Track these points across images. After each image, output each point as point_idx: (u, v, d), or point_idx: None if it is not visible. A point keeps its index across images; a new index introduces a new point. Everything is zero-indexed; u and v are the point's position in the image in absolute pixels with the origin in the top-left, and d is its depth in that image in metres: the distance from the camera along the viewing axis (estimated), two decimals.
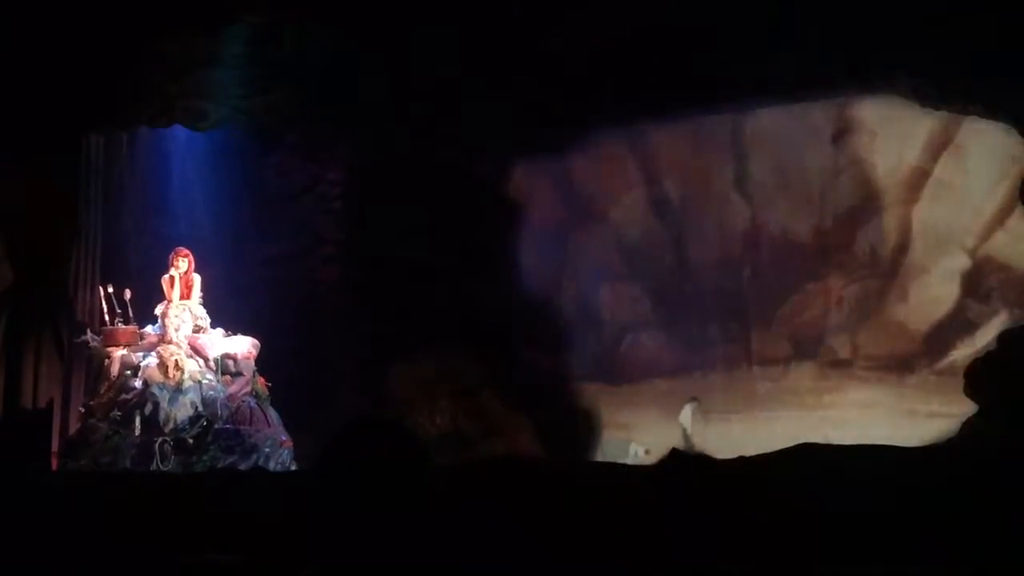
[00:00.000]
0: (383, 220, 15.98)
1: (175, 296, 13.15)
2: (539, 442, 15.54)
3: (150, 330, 13.22)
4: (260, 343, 13.35)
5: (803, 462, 6.88)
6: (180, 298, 13.17)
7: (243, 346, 13.20)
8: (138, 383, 12.57)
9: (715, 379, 16.88)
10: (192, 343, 12.97)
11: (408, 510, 2.81)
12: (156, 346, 12.86)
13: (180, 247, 13.47)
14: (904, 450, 7.36)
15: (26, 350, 13.23)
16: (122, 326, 13.26)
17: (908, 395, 16.14)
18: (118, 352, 12.90)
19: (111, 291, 13.45)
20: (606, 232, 17.48)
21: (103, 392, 12.76)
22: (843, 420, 15.37)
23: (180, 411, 12.36)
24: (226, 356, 13.03)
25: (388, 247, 15.88)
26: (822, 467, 6.74)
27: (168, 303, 13.14)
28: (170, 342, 12.85)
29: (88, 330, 13.55)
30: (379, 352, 15.51)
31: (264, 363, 13.36)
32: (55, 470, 12.06)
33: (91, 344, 13.32)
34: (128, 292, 13.43)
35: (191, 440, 12.26)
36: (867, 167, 16.95)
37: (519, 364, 16.14)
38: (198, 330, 13.17)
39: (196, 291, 13.31)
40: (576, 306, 17.03)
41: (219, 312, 13.53)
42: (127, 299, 13.39)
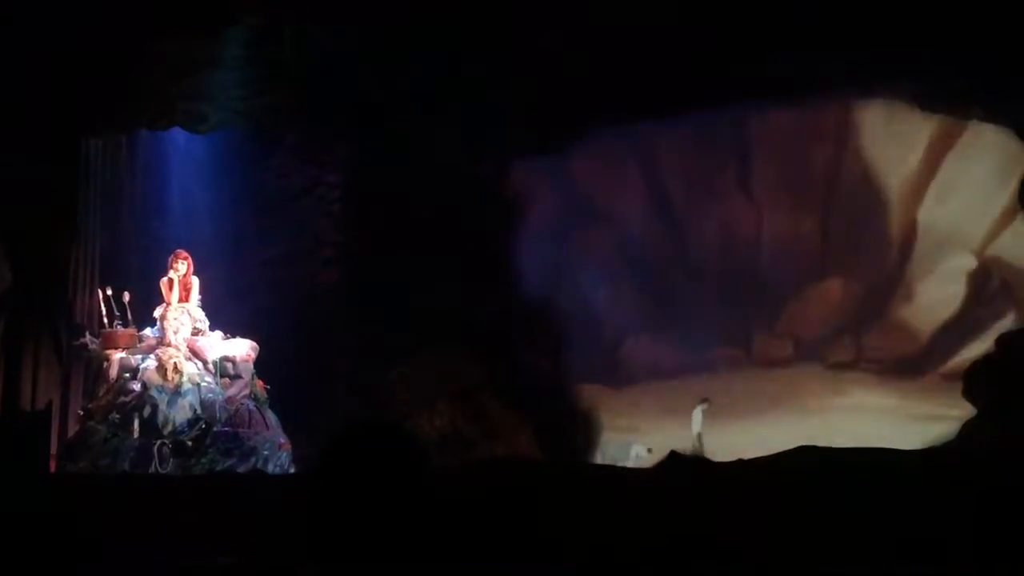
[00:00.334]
0: (382, 222, 15.96)
1: (174, 299, 13.13)
2: (538, 444, 15.51)
3: (149, 333, 13.21)
4: (259, 346, 13.34)
5: (801, 465, 6.88)
6: (179, 301, 13.15)
7: (242, 349, 13.19)
8: (137, 386, 12.56)
9: (717, 381, 16.71)
10: (191, 346, 12.97)
11: (407, 513, 2.80)
12: (155, 349, 12.85)
13: (179, 250, 13.44)
14: (902, 453, 7.35)
15: (25, 352, 13.22)
16: (121, 329, 13.25)
17: (914, 397, 15.93)
18: (117, 355, 12.89)
19: (110, 294, 13.43)
20: (606, 233, 17.43)
21: (102, 395, 12.74)
22: (846, 423, 15.16)
23: (179, 414, 12.35)
24: (225, 359, 13.02)
25: (387, 249, 15.86)
26: (820, 470, 6.73)
27: (167, 306, 13.12)
28: (169, 345, 12.84)
29: (87, 332, 13.54)
30: (378, 354, 15.49)
31: (263, 366, 13.34)
32: (54, 472, 12.04)
33: (90, 347, 13.31)
34: (127, 295, 13.41)
35: (190, 443, 12.25)
36: (871, 167, 16.84)
37: (518, 366, 16.11)
38: (197, 333, 13.15)
39: (195, 294, 13.29)
40: (576, 307, 16.93)
41: (218, 315, 13.51)
42: (126, 302, 13.37)
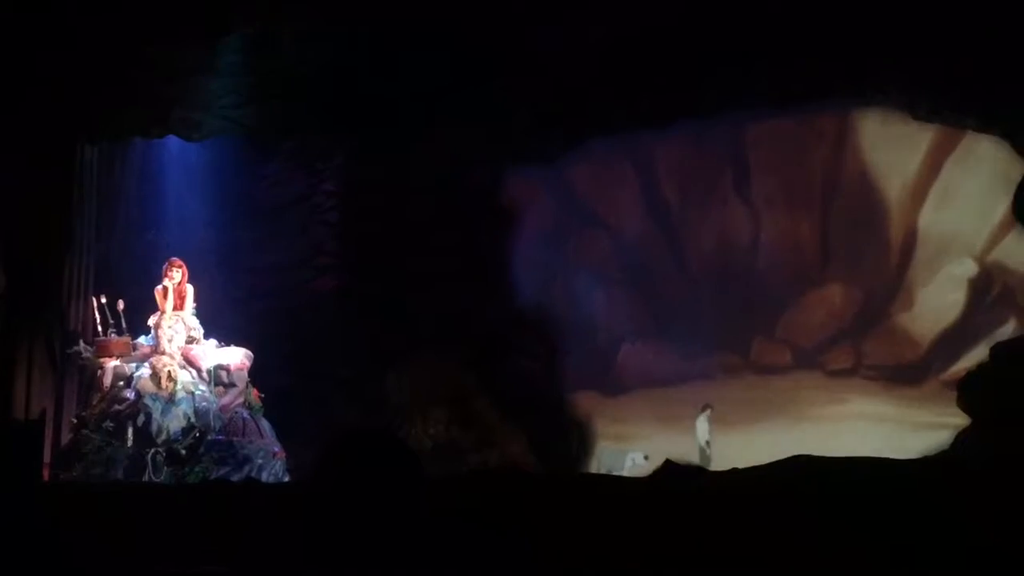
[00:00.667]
0: (378, 230, 15.96)
1: (168, 307, 13.13)
2: (533, 451, 15.49)
3: (143, 341, 13.21)
4: (253, 354, 13.32)
5: (796, 474, 6.85)
6: (173, 309, 13.14)
7: (236, 357, 13.18)
8: (131, 394, 12.54)
9: (714, 388, 16.59)
10: (185, 354, 12.96)
11: (401, 520, 2.79)
12: (149, 357, 12.83)
13: (174, 257, 13.43)
14: (897, 463, 7.33)
15: (19, 360, 13.19)
16: (115, 337, 13.23)
17: (914, 405, 15.79)
18: (111, 363, 12.87)
19: (104, 302, 13.40)
20: (603, 238, 17.39)
21: (96, 403, 12.73)
22: (845, 430, 15.10)
23: (173, 422, 12.33)
24: (219, 367, 13.00)
25: (383, 256, 15.86)
26: (814, 479, 6.70)
27: (161, 314, 13.11)
28: (163, 353, 12.83)
29: (81, 341, 13.52)
30: (373, 362, 15.48)
31: (257, 374, 13.32)
32: (47, 481, 12.00)
33: (84, 355, 13.30)
34: (121, 303, 13.39)
35: (184, 451, 12.22)
36: (870, 172, 16.79)
37: (514, 373, 16.10)
38: (191, 341, 13.14)
39: (189, 302, 13.28)
40: (572, 314, 16.88)
41: (212, 323, 13.50)
42: (120, 310, 13.35)
